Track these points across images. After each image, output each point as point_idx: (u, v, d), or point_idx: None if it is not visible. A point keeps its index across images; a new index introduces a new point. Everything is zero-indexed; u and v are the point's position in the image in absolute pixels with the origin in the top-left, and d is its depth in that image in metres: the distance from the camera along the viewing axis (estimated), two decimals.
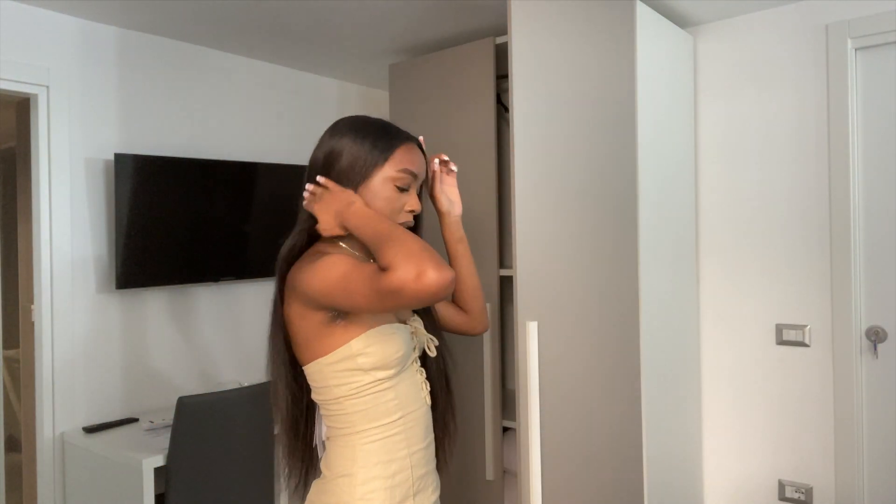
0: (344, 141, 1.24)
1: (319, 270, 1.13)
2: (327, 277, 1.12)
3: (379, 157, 1.23)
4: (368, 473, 1.19)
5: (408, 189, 1.25)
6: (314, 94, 3.43)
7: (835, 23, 2.39)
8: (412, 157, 1.25)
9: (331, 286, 1.11)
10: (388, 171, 1.23)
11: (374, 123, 1.28)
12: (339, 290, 1.11)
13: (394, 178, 1.23)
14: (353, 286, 1.09)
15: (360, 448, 1.21)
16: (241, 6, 2.48)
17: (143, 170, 2.61)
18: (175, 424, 2.13)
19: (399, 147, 1.25)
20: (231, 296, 3.04)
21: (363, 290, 1.07)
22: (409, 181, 1.25)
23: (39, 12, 2.46)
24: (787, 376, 2.51)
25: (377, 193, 1.22)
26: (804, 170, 2.47)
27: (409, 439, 1.23)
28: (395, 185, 1.23)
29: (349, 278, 1.10)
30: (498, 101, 2.75)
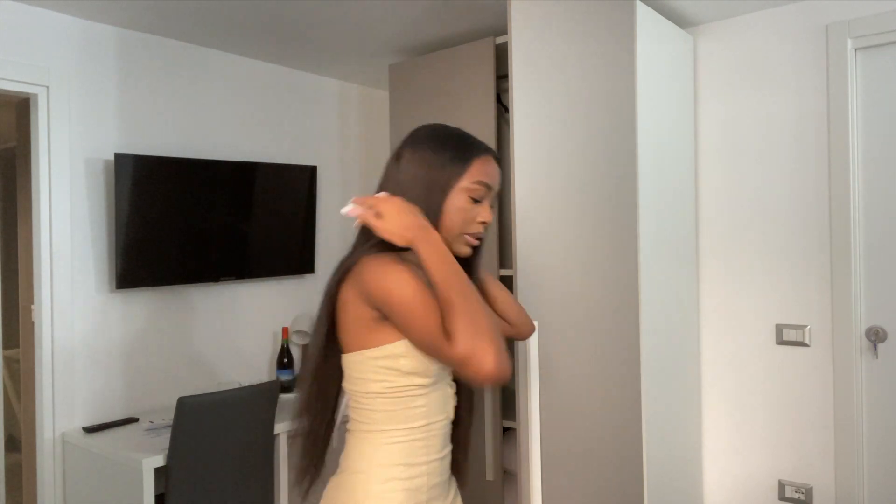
0: (424, 152, 1.25)
1: (390, 278, 1.13)
2: (393, 291, 1.12)
3: (458, 169, 1.24)
4: (387, 473, 1.20)
5: (481, 200, 1.26)
6: (314, 94, 3.43)
7: (835, 23, 2.39)
8: (488, 169, 1.26)
9: (392, 302, 1.12)
10: (465, 183, 1.24)
11: (452, 134, 1.28)
12: (399, 311, 1.12)
13: (469, 190, 1.24)
14: (413, 320, 1.11)
15: (382, 447, 1.21)
16: (241, 6, 2.48)
17: (142, 170, 2.61)
18: (175, 424, 2.13)
19: (477, 158, 1.26)
20: (231, 296, 3.04)
21: (419, 331, 1.10)
22: (484, 193, 1.25)
23: (39, 12, 2.46)
24: (787, 376, 2.51)
25: (453, 206, 1.24)
26: (804, 170, 2.47)
27: (428, 448, 1.24)
28: (469, 197, 1.24)
29: (412, 309, 1.11)
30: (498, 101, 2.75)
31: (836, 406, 2.40)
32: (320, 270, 3.43)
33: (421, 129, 1.30)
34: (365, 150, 3.71)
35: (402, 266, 1.14)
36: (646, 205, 2.21)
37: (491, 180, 1.26)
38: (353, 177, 3.64)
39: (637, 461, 2.16)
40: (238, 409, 2.26)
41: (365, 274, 1.15)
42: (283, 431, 2.53)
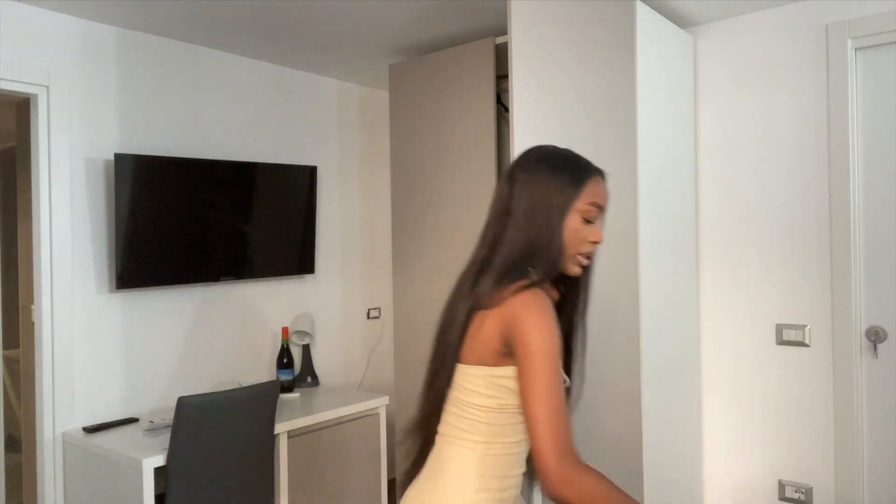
0: (540, 175, 1.27)
1: (534, 323, 1.15)
2: (532, 339, 1.15)
3: (573, 191, 1.25)
4: (484, 483, 1.23)
5: (593, 221, 1.28)
6: (314, 94, 3.43)
7: (835, 23, 2.39)
8: (600, 190, 1.28)
9: (526, 347, 1.15)
10: (579, 204, 1.25)
11: (566, 156, 1.30)
12: (527, 360, 1.14)
13: (583, 211, 1.26)
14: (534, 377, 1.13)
15: (483, 458, 1.24)
16: (241, 6, 2.48)
17: (143, 170, 2.61)
18: (175, 424, 2.13)
19: (590, 179, 1.28)
20: (231, 296, 3.04)
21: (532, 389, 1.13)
22: (597, 213, 1.27)
23: (39, 12, 2.46)
24: (787, 376, 2.51)
25: (568, 226, 1.25)
26: (804, 170, 2.47)
27: (520, 462, 1.28)
28: (582, 217, 1.26)
29: (541, 368, 1.14)
30: (498, 101, 2.75)
31: (836, 406, 2.40)
32: (320, 270, 3.43)
33: (533, 152, 1.31)
34: (365, 150, 3.71)
35: (549, 314, 1.16)
36: (646, 205, 2.21)
37: (603, 201, 1.28)
38: (353, 177, 3.64)
39: (637, 461, 2.16)
40: (238, 409, 2.26)
41: (516, 308, 1.17)
42: (283, 431, 2.53)
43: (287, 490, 2.55)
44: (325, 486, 2.70)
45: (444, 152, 2.83)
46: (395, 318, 3.02)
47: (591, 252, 1.29)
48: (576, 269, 1.29)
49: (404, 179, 2.98)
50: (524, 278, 1.22)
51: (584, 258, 1.28)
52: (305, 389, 3.11)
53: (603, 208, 1.29)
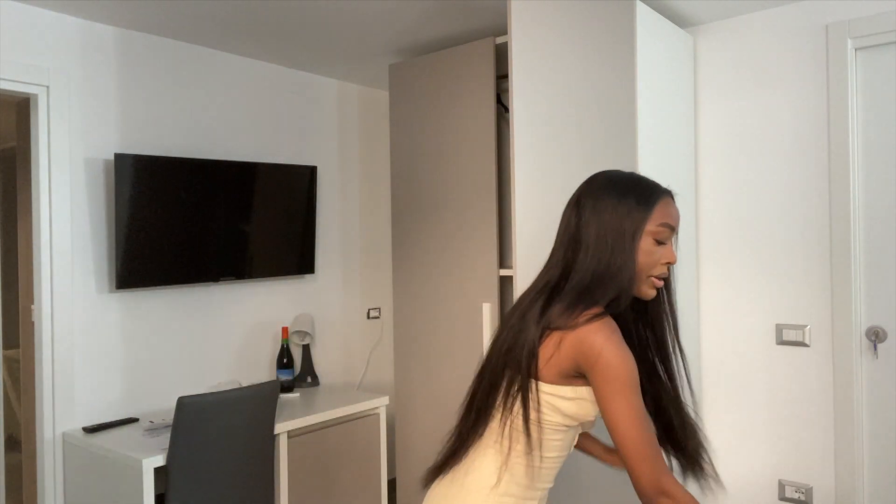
0: (608, 200, 1.28)
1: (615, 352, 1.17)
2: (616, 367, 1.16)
3: (643, 214, 1.26)
4: (508, 489, 1.26)
5: (665, 242, 1.28)
6: (314, 94, 3.43)
7: (835, 23, 2.39)
8: (670, 211, 1.29)
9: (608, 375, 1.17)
10: (650, 227, 1.26)
11: (632, 180, 1.31)
12: (612, 388, 1.16)
13: (655, 233, 1.26)
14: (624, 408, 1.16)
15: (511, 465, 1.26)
16: (241, 6, 2.48)
17: (143, 170, 2.61)
18: (175, 424, 2.13)
19: (660, 201, 1.28)
20: (231, 296, 3.04)
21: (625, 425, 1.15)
22: (668, 235, 1.28)
23: (39, 12, 2.46)
24: (787, 376, 2.51)
25: (640, 248, 1.26)
26: (804, 170, 2.47)
27: (548, 478, 1.30)
28: (654, 240, 1.26)
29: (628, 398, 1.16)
30: (498, 101, 2.75)
31: (836, 406, 2.40)
32: (320, 270, 3.43)
33: (598, 177, 1.32)
34: (365, 150, 3.71)
35: (622, 342, 1.18)
36: None
37: (674, 222, 1.28)
38: (353, 177, 3.64)
39: None
40: (238, 409, 2.26)
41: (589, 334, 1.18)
42: (283, 431, 2.53)
43: (287, 490, 2.55)
44: (325, 486, 2.70)
45: (444, 152, 2.83)
46: (395, 318, 3.02)
47: (664, 273, 1.29)
48: (651, 291, 1.29)
49: (404, 179, 2.98)
50: (597, 305, 1.22)
51: (659, 280, 1.28)
52: (305, 389, 3.11)
53: (674, 228, 1.28)
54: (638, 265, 1.26)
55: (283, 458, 2.54)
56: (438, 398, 2.84)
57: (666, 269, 1.29)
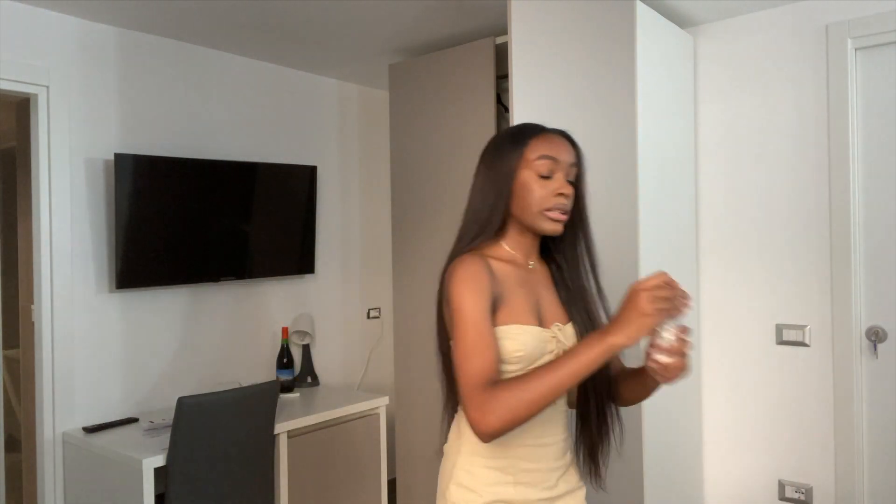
0: (488, 151, 1.33)
1: (452, 284, 1.20)
2: (451, 297, 1.19)
3: (517, 152, 1.28)
4: (472, 448, 1.27)
5: (551, 176, 1.27)
6: (314, 94, 3.43)
7: (835, 23, 2.39)
8: (549, 144, 1.28)
9: (451, 310, 1.19)
10: (528, 162, 1.27)
11: (513, 127, 1.34)
12: (453, 321, 1.18)
13: (534, 167, 1.26)
14: (458, 333, 1.16)
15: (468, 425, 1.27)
16: (241, 6, 2.48)
17: (142, 170, 2.61)
18: (175, 424, 2.13)
19: (534, 137, 1.29)
20: (231, 296, 3.04)
21: (457, 345, 1.16)
22: (550, 166, 1.27)
23: (39, 12, 2.46)
24: (787, 376, 2.51)
25: (524, 186, 1.27)
26: (804, 169, 2.47)
27: (525, 432, 1.26)
28: (536, 174, 1.26)
29: (459, 327, 1.16)
30: (498, 101, 2.75)
31: (836, 406, 2.40)
32: (320, 270, 3.43)
33: (490, 138, 1.37)
34: (365, 150, 3.71)
35: (470, 272, 1.19)
36: (646, 204, 2.21)
37: (554, 152, 1.27)
38: (353, 177, 3.64)
39: (637, 461, 2.16)
40: (238, 409, 2.26)
41: (445, 282, 1.24)
42: (283, 431, 2.53)
43: (287, 490, 2.55)
44: (325, 486, 2.70)
45: (444, 152, 2.83)
46: (395, 318, 3.02)
47: (559, 205, 1.27)
48: (551, 225, 1.28)
49: (404, 179, 2.98)
50: (469, 246, 1.28)
51: (557, 213, 1.27)
52: (305, 389, 3.11)
53: (558, 159, 1.27)
54: (523, 201, 1.27)
55: (283, 458, 2.54)
56: (438, 398, 2.84)
57: (561, 200, 1.27)
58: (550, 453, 1.29)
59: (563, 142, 1.30)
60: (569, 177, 1.29)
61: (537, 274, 1.34)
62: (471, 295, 1.17)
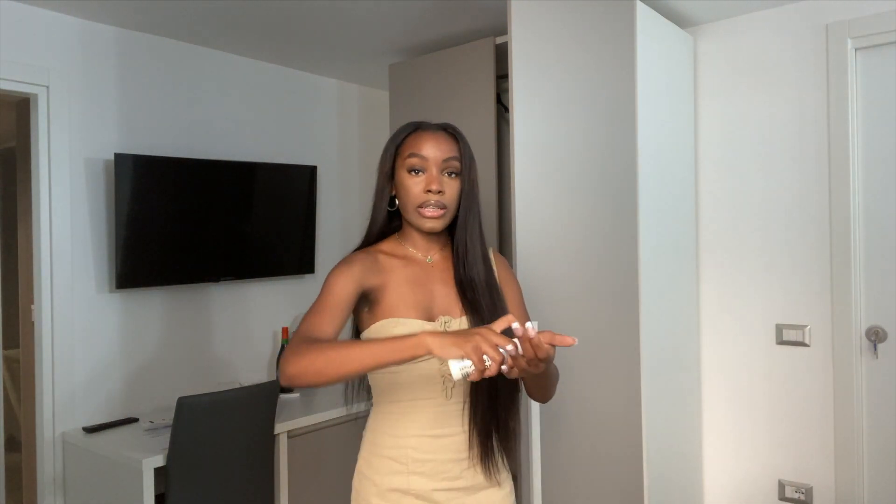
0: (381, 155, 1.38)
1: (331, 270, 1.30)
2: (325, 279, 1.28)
3: (392, 151, 1.33)
4: (374, 439, 1.34)
5: (421, 171, 1.29)
6: (314, 94, 3.43)
7: (835, 23, 2.39)
8: (419, 142, 1.30)
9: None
10: (400, 160, 1.32)
11: (401, 126, 1.38)
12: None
13: (406, 165, 1.30)
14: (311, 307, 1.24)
15: (374, 417, 1.37)
16: (241, 6, 2.48)
17: (143, 170, 2.61)
18: (175, 424, 2.13)
19: (409, 136, 1.32)
20: (231, 296, 3.04)
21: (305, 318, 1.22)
22: (419, 163, 1.29)
23: (39, 12, 2.46)
24: (787, 376, 2.51)
25: (400, 185, 1.32)
26: (804, 169, 2.47)
27: (413, 423, 1.30)
28: (408, 171, 1.30)
29: (318, 296, 1.25)
30: (498, 101, 2.75)
31: (836, 406, 2.40)
32: (320, 270, 3.43)
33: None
34: (365, 150, 3.71)
35: (345, 262, 1.28)
36: (646, 205, 2.21)
37: (421, 150, 1.29)
38: (353, 177, 3.64)
39: (637, 461, 2.16)
40: (238, 409, 2.26)
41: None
42: (283, 431, 2.53)
43: (287, 490, 2.55)
44: (325, 486, 2.70)
45: None
46: None
47: (428, 201, 1.28)
48: (427, 223, 1.29)
49: None
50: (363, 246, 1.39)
51: (430, 209, 1.28)
52: (305, 389, 3.11)
53: (425, 157, 1.28)
54: (402, 200, 1.32)
55: (283, 458, 2.54)
56: None
57: (430, 197, 1.28)
58: (448, 445, 1.30)
59: (439, 137, 1.31)
60: (446, 171, 1.30)
61: (436, 268, 1.36)
62: (334, 277, 1.25)
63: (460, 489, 1.31)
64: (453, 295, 1.34)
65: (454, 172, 1.31)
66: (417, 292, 1.31)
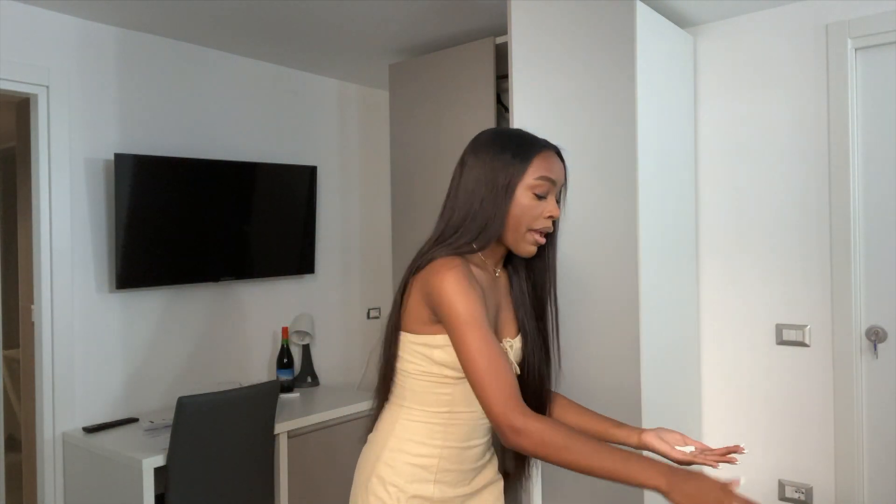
0: (486, 155, 1.28)
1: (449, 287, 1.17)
2: (454, 305, 1.16)
3: (520, 167, 1.26)
4: (398, 445, 1.29)
5: (545, 196, 1.27)
6: (314, 94, 3.43)
7: (835, 23, 2.39)
8: (549, 164, 1.28)
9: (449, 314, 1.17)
10: (528, 180, 1.26)
11: (512, 134, 1.31)
12: (454, 327, 1.16)
13: (532, 186, 1.26)
14: (467, 344, 1.15)
15: (401, 422, 1.30)
16: (241, 6, 2.48)
17: (143, 170, 2.61)
18: (175, 424, 2.13)
19: (537, 155, 1.28)
20: (231, 296, 3.04)
21: (470, 360, 1.14)
22: (548, 188, 1.27)
23: (39, 12, 2.46)
24: (787, 376, 2.51)
25: (518, 204, 1.26)
26: (804, 170, 2.47)
27: (448, 434, 1.29)
28: (533, 193, 1.26)
29: (470, 333, 1.15)
30: (498, 101, 2.75)
31: (836, 406, 2.40)
32: (320, 270, 3.43)
33: (483, 134, 1.33)
34: (365, 150, 3.71)
35: (464, 275, 1.17)
36: (646, 205, 2.21)
37: (554, 174, 1.27)
38: (353, 177, 3.64)
39: None
40: (238, 409, 2.26)
41: (430, 275, 1.20)
42: (283, 431, 2.53)
43: (287, 490, 2.55)
44: (325, 486, 2.71)
45: (444, 152, 2.83)
46: None
47: (545, 228, 1.28)
48: (531, 248, 1.28)
49: (404, 179, 2.98)
50: (457, 251, 1.25)
51: (539, 235, 1.28)
52: (305, 389, 3.11)
53: (555, 182, 1.28)
54: (514, 218, 1.25)
55: (283, 458, 2.54)
56: None
57: (548, 223, 1.28)
58: (473, 455, 1.32)
59: (559, 162, 1.31)
60: (559, 197, 1.31)
61: (500, 283, 1.36)
62: (471, 299, 1.16)
63: (473, 492, 1.35)
64: (511, 312, 1.35)
65: (559, 198, 1.32)
66: (492, 307, 1.30)
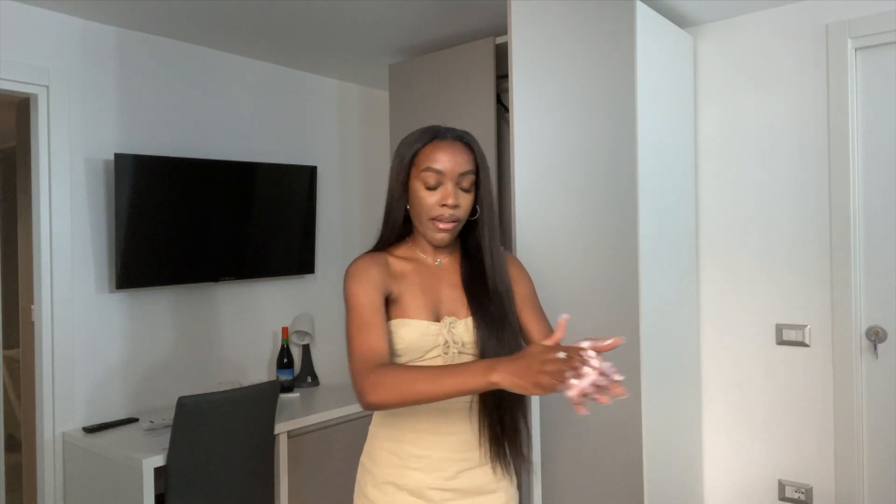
0: (394, 156, 1.36)
1: (345, 280, 1.30)
2: (343, 291, 1.29)
3: (408, 161, 1.31)
4: (376, 432, 1.39)
5: (436, 187, 1.29)
6: (314, 94, 3.43)
7: (835, 23, 2.39)
8: (436, 156, 1.28)
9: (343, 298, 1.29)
10: (416, 172, 1.30)
11: (415, 131, 1.35)
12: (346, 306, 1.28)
13: (421, 178, 1.29)
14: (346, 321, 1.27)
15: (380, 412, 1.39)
16: (241, 6, 2.48)
17: (143, 170, 2.61)
18: (175, 424, 2.13)
19: (424, 147, 1.30)
20: (231, 296, 3.04)
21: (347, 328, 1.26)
22: (435, 178, 1.28)
23: (39, 12, 2.46)
24: (787, 376, 2.51)
25: (413, 195, 1.31)
26: (804, 170, 2.47)
27: (415, 419, 1.32)
28: (423, 185, 1.29)
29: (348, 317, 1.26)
30: (498, 101, 2.75)
31: (836, 406, 2.40)
32: (320, 270, 3.43)
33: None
34: (365, 150, 3.71)
35: (360, 268, 1.28)
36: (646, 205, 2.21)
37: (440, 164, 1.28)
38: (353, 177, 3.64)
39: (637, 461, 2.16)
40: (238, 409, 2.26)
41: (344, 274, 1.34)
42: (283, 431, 2.53)
43: (287, 490, 2.55)
44: (325, 486, 2.70)
45: None
46: None
47: (442, 215, 1.28)
48: (438, 235, 1.31)
49: None
50: (376, 247, 1.37)
51: (441, 223, 1.29)
52: (305, 389, 3.11)
53: (442, 172, 1.28)
54: (414, 209, 1.31)
55: (283, 458, 2.54)
56: None
57: (444, 211, 1.28)
58: (448, 443, 1.31)
59: (455, 149, 1.30)
60: (461, 184, 1.30)
61: (445, 271, 1.38)
62: (357, 287, 1.26)
63: (456, 490, 1.32)
64: (460, 296, 1.36)
65: (469, 187, 1.32)
66: (426, 294, 1.33)
